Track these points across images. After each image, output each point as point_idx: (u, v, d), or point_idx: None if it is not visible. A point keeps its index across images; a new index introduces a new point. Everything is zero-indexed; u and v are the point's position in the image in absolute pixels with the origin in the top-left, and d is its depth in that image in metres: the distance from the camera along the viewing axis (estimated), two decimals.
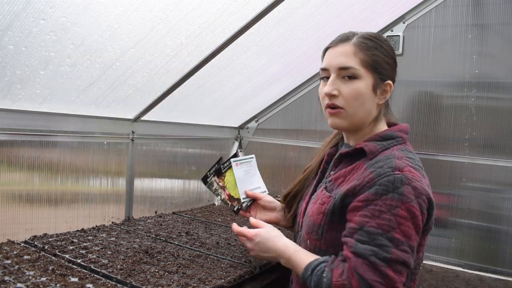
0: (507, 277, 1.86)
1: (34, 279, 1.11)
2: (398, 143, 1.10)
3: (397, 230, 0.94)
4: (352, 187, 1.03)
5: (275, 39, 1.91)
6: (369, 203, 0.98)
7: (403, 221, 0.94)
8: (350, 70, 1.08)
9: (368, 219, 0.96)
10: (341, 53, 1.10)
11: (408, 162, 1.02)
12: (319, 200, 1.13)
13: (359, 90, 1.08)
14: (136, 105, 1.85)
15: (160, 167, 2.17)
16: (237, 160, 1.49)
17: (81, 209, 1.73)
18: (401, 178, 0.97)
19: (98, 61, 1.47)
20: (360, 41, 1.10)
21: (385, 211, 0.95)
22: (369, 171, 1.02)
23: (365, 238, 0.96)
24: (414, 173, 0.99)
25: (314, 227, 1.10)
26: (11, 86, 1.37)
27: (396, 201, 0.95)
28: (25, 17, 1.16)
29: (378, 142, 1.10)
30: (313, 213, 1.12)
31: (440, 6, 2.04)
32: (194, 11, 1.45)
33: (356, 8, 1.93)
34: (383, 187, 0.97)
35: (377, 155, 1.06)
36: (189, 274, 1.25)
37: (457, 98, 2.03)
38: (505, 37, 1.92)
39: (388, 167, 1.00)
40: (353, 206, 1.01)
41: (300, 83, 2.46)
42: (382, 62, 1.10)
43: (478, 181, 1.98)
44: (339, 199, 1.05)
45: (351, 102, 1.09)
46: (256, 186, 1.50)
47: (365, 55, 1.08)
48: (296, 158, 2.52)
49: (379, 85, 1.11)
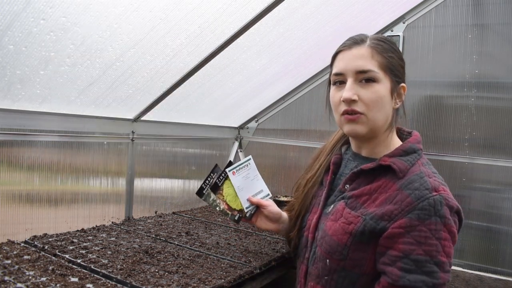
0: (507, 277, 1.86)
1: (34, 279, 1.11)
2: (420, 157, 1.08)
3: (442, 253, 0.94)
4: (388, 211, 0.99)
5: (275, 39, 1.91)
6: (412, 229, 0.95)
7: (446, 243, 0.94)
8: (369, 74, 1.04)
9: (414, 246, 0.94)
10: (358, 56, 1.05)
11: (438, 179, 1.02)
12: (342, 218, 1.06)
13: (380, 93, 1.04)
14: (136, 105, 1.85)
15: (160, 167, 2.17)
16: (232, 169, 1.40)
17: (81, 209, 1.73)
18: (440, 200, 0.96)
19: (98, 61, 1.47)
20: (375, 43, 1.06)
21: (430, 236, 0.94)
22: (405, 193, 0.99)
23: (412, 267, 0.93)
24: (447, 191, 1.00)
25: (338, 247, 1.04)
26: (11, 86, 1.37)
27: (439, 224, 0.94)
28: (25, 17, 1.16)
29: (403, 158, 1.06)
30: (336, 232, 1.06)
31: (440, 6, 2.05)
32: (194, 11, 1.45)
33: (356, 8, 1.93)
34: (425, 212, 0.95)
35: (407, 173, 1.03)
36: (189, 274, 1.25)
37: (457, 98, 2.03)
38: (505, 37, 1.92)
39: (425, 188, 0.98)
40: (393, 233, 0.97)
41: (300, 83, 2.46)
42: (397, 64, 1.08)
43: (478, 181, 1.98)
44: (371, 221, 1.01)
45: (371, 107, 1.04)
46: (259, 190, 1.43)
47: (383, 57, 1.05)
48: (296, 158, 2.52)
49: (395, 88, 1.08)
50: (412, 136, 1.13)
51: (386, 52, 1.06)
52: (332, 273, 1.06)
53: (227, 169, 1.40)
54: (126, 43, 1.46)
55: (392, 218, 0.98)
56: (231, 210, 1.39)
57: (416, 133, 1.15)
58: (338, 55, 1.11)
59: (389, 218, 0.99)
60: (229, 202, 1.39)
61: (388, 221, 0.99)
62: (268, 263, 1.44)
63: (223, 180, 1.40)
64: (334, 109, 1.12)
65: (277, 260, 1.48)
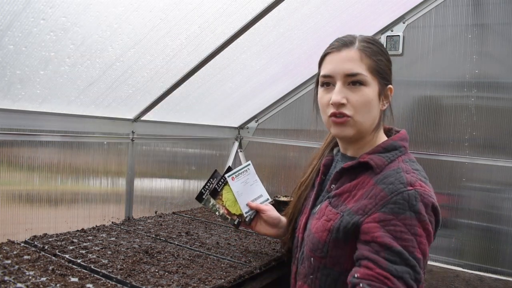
0: (507, 277, 1.86)
1: (34, 279, 1.11)
2: (402, 154, 1.08)
3: (417, 250, 0.92)
4: (362, 206, 1.00)
5: (275, 39, 1.91)
6: (386, 223, 0.94)
7: (422, 240, 0.93)
8: (358, 77, 1.04)
9: (391, 240, 0.93)
10: (347, 59, 1.05)
11: (416, 175, 1.00)
12: (324, 216, 1.08)
13: (368, 97, 1.05)
14: (136, 105, 1.85)
15: (160, 167, 2.17)
16: (232, 174, 1.42)
17: (81, 209, 1.73)
18: (414, 195, 0.94)
19: (98, 61, 1.47)
20: (364, 46, 1.06)
21: (405, 231, 0.93)
22: (379, 188, 0.99)
23: (396, 258, 0.91)
24: (425, 187, 0.98)
25: (319, 244, 1.06)
26: (11, 86, 1.37)
27: (414, 220, 0.93)
28: (25, 17, 1.16)
29: (382, 154, 1.06)
30: (318, 229, 1.08)
31: (440, 6, 2.05)
32: (194, 11, 1.45)
33: (356, 8, 1.93)
34: (399, 206, 0.94)
35: (384, 169, 1.03)
36: (189, 274, 1.25)
37: (457, 98, 2.03)
38: (505, 37, 1.92)
39: (399, 182, 0.97)
40: (368, 227, 0.96)
41: (300, 83, 2.46)
42: (384, 67, 1.08)
43: (478, 181, 1.98)
44: (347, 216, 1.02)
45: (359, 110, 1.05)
46: (258, 195, 1.44)
47: (371, 60, 1.05)
48: (296, 158, 2.52)
49: (383, 90, 1.09)
50: (397, 134, 1.13)
51: (375, 55, 1.07)
52: (316, 272, 1.07)
53: (226, 175, 1.41)
54: (126, 43, 1.46)
55: (366, 212, 0.98)
56: (230, 215, 1.41)
57: (402, 131, 1.15)
58: (326, 56, 1.11)
59: (363, 212, 0.99)
60: (229, 207, 1.41)
61: (362, 215, 0.99)
62: (268, 263, 1.44)
63: (222, 185, 1.42)
64: (322, 110, 1.12)
65: (277, 260, 1.48)
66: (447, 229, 2.02)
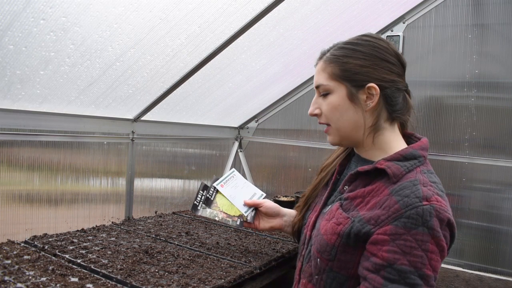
0: (507, 277, 1.86)
1: (34, 279, 1.11)
2: (421, 164, 1.05)
3: (428, 266, 0.90)
4: (375, 216, 0.98)
5: (275, 39, 1.91)
6: (397, 237, 0.92)
7: (433, 256, 0.91)
8: (322, 87, 1.10)
9: (399, 255, 0.91)
10: (317, 72, 1.12)
11: (433, 189, 0.98)
12: (334, 218, 1.06)
13: (334, 103, 1.08)
14: (136, 105, 1.85)
15: (160, 167, 2.17)
16: (220, 182, 1.49)
17: (81, 209, 1.73)
18: (429, 210, 0.92)
19: (98, 61, 1.47)
20: (330, 54, 1.09)
21: (416, 247, 0.91)
22: (394, 200, 0.96)
23: (395, 277, 0.90)
24: (441, 202, 0.95)
25: (327, 247, 1.04)
26: (11, 86, 1.37)
27: (427, 235, 0.91)
28: (25, 17, 1.16)
29: (400, 163, 1.04)
30: (326, 231, 1.06)
31: (440, 6, 2.05)
32: (194, 11, 1.45)
33: (356, 8, 1.93)
34: (412, 221, 0.92)
35: (401, 179, 1.01)
36: (189, 274, 1.25)
37: (457, 98, 2.03)
38: (505, 37, 1.92)
39: (415, 196, 0.95)
40: (378, 239, 0.95)
41: (300, 83, 2.46)
42: (355, 67, 1.06)
43: (478, 181, 1.98)
44: (359, 224, 1.00)
45: (330, 117, 1.10)
46: (252, 194, 1.49)
47: (332, 67, 1.08)
48: (296, 158, 2.52)
49: (355, 92, 1.06)
50: (417, 142, 1.10)
51: (338, 60, 1.07)
52: (322, 273, 1.07)
53: (215, 184, 1.48)
54: (126, 43, 1.46)
55: (378, 223, 0.97)
56: (230, 217, 1.44)
57: (424, 140, 1.12)
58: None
59: (375, 223, 0.97)
60: (226, 210, 1.45)
61: (374, 226, 0.97)
62: (268, 263, 1.44)
63: (214, 194, 1.48)
64: None
65: (277, 260, 1.48)
66: None
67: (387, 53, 1.09)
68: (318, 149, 2.45)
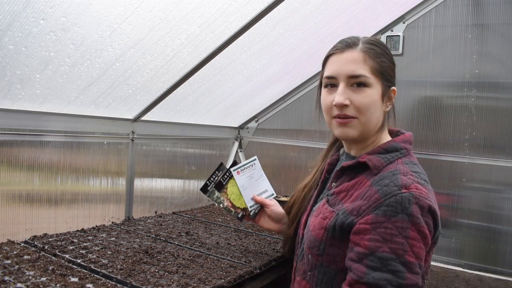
0: (507, 277, 1.86)
1: (34, 279, 1.11)
2: (403, 155, 1.07)
3: (410, 253, 0.91)
4: (357, 207, 1.00)
5: (275, 39, 1.91)
6: (378, 225, 0.94)
7: (415, 243, 0.92)
8: (361, 78, 1.04)
9: (380, 243, 0.92)
10: (350, 60, 1.06)
11: (414, 178, 0.99)
12: (321, 214, 1.09)
13: (371, 98, 1.05)
14: (136, 105, 1.85)
15: (160, 167, 2.17)
16: (237, 168, 1.42)
17: (81, 209, 1.73)
18: (408, 198, 0.93)
19: (98, 61, 1.47)
20: (367, 47, 1.06)
21: (397, 234, 0.92)
22: (374, 190, 0.99)
23: (377, 264, 0.91)
24: (421, 189, 0.96)
25: (316, 242, 1.07)
26: (11, 86, 1.37)
27: (406, 222, 0.92)
28: (25, 17, 1.16)
29: (381, 155, 1.06)
30: (315, 227, 1.09)
31: (440, 6, 2.05)
32: (194, 11, 1.45)
33: (356, 8, 1.93)
34: (392, 208, 0.93)
35: (382, 170, 1.03)
36: (189, 274, 1.25)
37: (457, 98, 2.03)
38: (505, 37, 1.92)
39: (394, 185, 0.96)
40: (360, 228, 0.97)
41: (300, 83, 2.46)
42: (388, 68, 1.08)
43: (478, 181, 1.98)
44: (342, 215, 1.02)
45: (363, 111, 1.05)
46: (264, 190, 1.44)
47: (375, 62, 1.05)
48: (296, 158, 2.52)
49: (386, 92, 1.09)
50: (400, 136, 1.13)
51: (379, 57, 1.07)
52: (314, 269, 1.08)
53: (232, 169, 1.42)
54: (126, 43, 1.46)
55: (360, 214, 0.98)
56: (234, 208, 1.41)
57: (407, 134, 1.14)
58: (330, 58, 1.11)
59: (358, 213, 0.99)
60: (233, 200, 1.42)
61: (356, 216, 0.99)
62: (268, 263, 1.44)
63: (227, 179, 1.42)
64: (325, 111, 1.12)
65: (277, 260, 1.48)
66: (447, 229, 2.02)
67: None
68: (318, 149, 2.45)
